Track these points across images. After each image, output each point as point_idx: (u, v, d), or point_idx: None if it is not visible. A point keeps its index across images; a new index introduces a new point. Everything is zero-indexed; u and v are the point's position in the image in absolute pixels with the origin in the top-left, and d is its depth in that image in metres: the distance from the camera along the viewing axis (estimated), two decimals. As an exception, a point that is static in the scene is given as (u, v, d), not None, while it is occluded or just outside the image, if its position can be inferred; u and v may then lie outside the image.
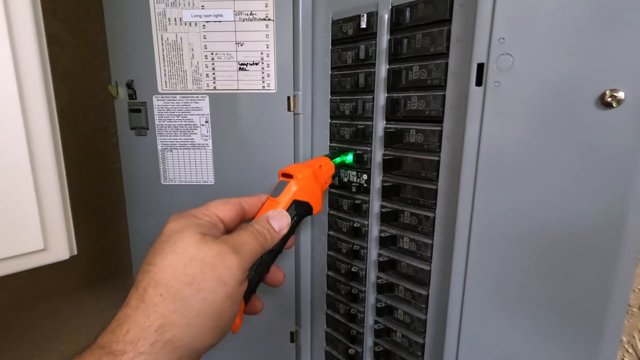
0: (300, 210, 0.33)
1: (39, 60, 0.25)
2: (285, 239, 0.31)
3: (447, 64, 0.32)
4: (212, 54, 0.43)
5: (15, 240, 0.25)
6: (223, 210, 0.29)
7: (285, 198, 0.33)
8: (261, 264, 0.29)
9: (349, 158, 0.41)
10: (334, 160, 0.40)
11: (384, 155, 0.38)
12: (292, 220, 0.32)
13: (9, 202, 0.25)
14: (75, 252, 0.29)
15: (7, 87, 0.24)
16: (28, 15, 0.24)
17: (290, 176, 0.34)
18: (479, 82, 0.29)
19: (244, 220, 0.32)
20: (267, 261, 0.30)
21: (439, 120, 0.33)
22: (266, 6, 0.42)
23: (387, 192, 0.38)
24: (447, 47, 0.32)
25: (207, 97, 0.44)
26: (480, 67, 0.28)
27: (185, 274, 0.23)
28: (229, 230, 0.30)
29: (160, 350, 0.22)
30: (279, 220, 0.31)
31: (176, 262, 0.23)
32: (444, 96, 0.33)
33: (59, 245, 0.27)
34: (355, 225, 0.42)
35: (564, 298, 0.28)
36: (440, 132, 0.33)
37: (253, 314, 0.32)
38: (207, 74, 0.44)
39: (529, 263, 0.29)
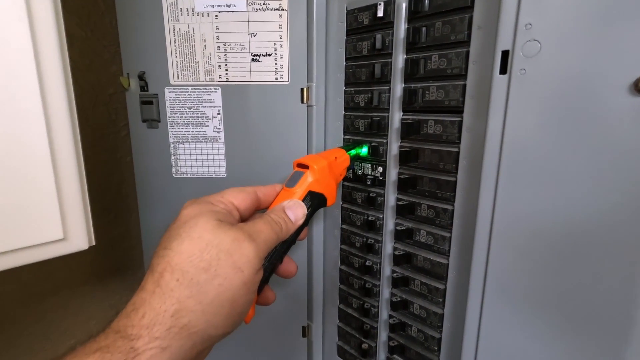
0: (315, 202, 0.33)
1: (58, 47, 0.25)
2: (299, 229, 0.31)
3: (467, 52, 0.31)
4: (224, 44, 0.42)
5: (35, 229, 0.25)
6: (238, 198, 0.29)
7: (301, 189, 0.32)
8: (275, 254, 0.29)
9: (364, 150, 0.41)
10: (349, 152, 0.39)
11: (401, 147, 0.38)
12: (307, 210, 0.31)
13: (29, 191, 0.24)
14: (94, 243, 0.29)
15: (27, 76, 0.23)
16: (48, 4, 0.24)
17: (305, 167, 0.33)
18: (503, 70, 0.28)
19: (258, 209, 0.31)
20: (280, 252, 0.30)
21: (458, 110, 0.33)
22: (280, -4, 0.41)
23: (404, 185, 0.38)
24: (468, 35, 0.31)
25: (220, 88, 0.44)
26: (505, 54, 0.28)
27: (202, 259, 0.23)
28: (243, 218, 0.30)
29: (176, 336, 0.22)
30: (295, 210, 0.30)
31: (192, 247, 0.23)
32: (464, 86, 0.32)
33: (78, 235, 0.27)
34: (369, 218, 0.42)
35: (589, 298, 0.27)
36: (460, 122, 0.33)
37: (265, 305, 0.31)
38: (219, 66, 0.43)
39: (552, 260, 0.28)
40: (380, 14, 0.37)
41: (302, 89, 0.43)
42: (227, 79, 0.43)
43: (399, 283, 0.40)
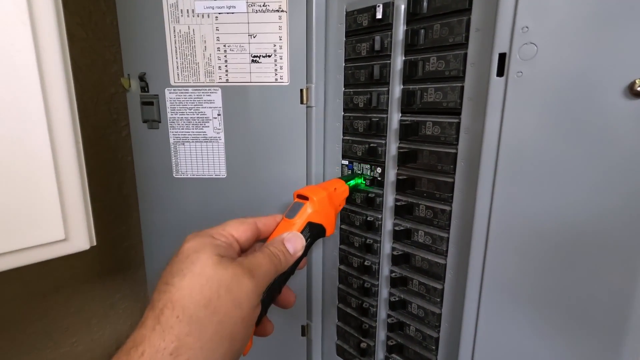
0: (314, 232, 0.33)
1: (60, 49, 0.25)
2: (298, 260, 0.31)
3: (465, 54, 0.32)
4: (224, 46, 0.43)
5: (36, 230, 0.25)
6: (239, 230, 0.29)
7: (300, 220, 0.32)
8: (273, 285, 0.29)
9: (363, 182, 0.41)
10: (348, 183, 0.40)
11: (399, 148, 0.38)
12: (306, 242, 0.32)
13: (30, 192, 0.25)
14: (95, 243, 0.29)
15: (30, 77, 0.24)
16: (49, 6, 0.24)
17: (305, 198, 0.34)
18: (500, 73, 0.28)
19: (259, 240, 0.32)
20: (279, 283, 0.30)
21: (456, 112, 0.33)
22: (279, -3, 0.41)
23: (402, 185, 0.38)
24: (467, 37, 0.31)
25: (220, 89, 0.44)
26: (502, 57, 0.28)
27: (202, 296, 0.23)
28: (243, 249, 0.30)
29: None
30: (294, 242, 0.31)
31: (193, 284, 0.23)
32: (462, 87, 0.32)
33: (80, 236, 0.27)
34: (368, 218, 0.42)
35: (584, 297, 0.27)
36: (458, 124, 0.33)
37: (263, 336, 0.32)
38: (219, 67, 0.43)
39: (548, 260, 0.28)
40: (379, 15, 0.37)
41: (301, 90, 0.43)
42: (227, 80, 0.44)
43: (397, 283, 0.40)
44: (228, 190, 0.46)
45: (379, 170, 0.41)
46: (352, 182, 0.40)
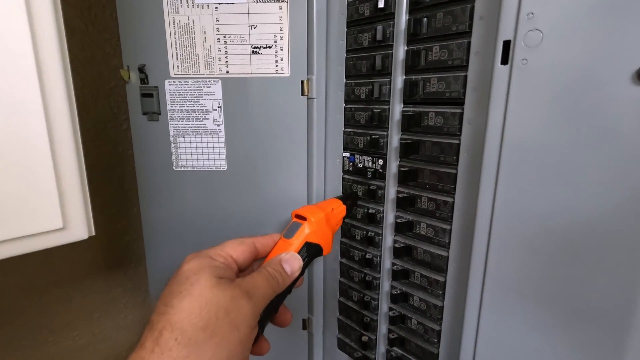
0: (311, 252, 0.34)
1: (57, 36, 0.25)
2: (295, 279, 0.32)
3: (469, 43, 0.31)
4: (224, 37, 0.42)
5: (34, 218, 0.25)
6: (237, 250, 0.30)
7: (298, 240, 0.33)
8: (270, 305, 0.29)
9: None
10: (346, 203, 0.40)
11: (401, 139, 0.38)
12: (303, 262, 0.32)
13: (27, 180, 0.24)
14: (94, 233, 0.29)
15: (26, 67, 0.23)
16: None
17: (303, 218, 0.34)
18: (504, 61, 0.28)
19: (257, 259, 0.32)
20: (276, 303, 0.30)
21: (459, 102, 0.32)
22: (280, -13, 0.41)
23: (404, 177, 0.38)
24: (470, 26, 0.31)
25: (220, 81, 0.43)
26: (507, 44, 0.27)
27: (200, 318, 0.23)
28: (241, 269, 0.30)
29: None
30: (292, 263, 0.31)
31: (192, 306, 0.24)
32: (465, 77, 0.32)
33: (78, 225, 0.27)
34: (370, 211, 0.42)
35: (589, 292, 0.27)
36: (461, 114, 0.33)
37: (259, 355, 0.32)
38: (219, 58, 0.43)
39: (552, 255, 0.28)
40: (381, 5, 0.36)
41: (302, 82, 0.43)
42: (227, 71, 0.43)
43: (399, 276, 0.40)
44: (228, 183, 0.46)
45: (380, 162, 0.40)
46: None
